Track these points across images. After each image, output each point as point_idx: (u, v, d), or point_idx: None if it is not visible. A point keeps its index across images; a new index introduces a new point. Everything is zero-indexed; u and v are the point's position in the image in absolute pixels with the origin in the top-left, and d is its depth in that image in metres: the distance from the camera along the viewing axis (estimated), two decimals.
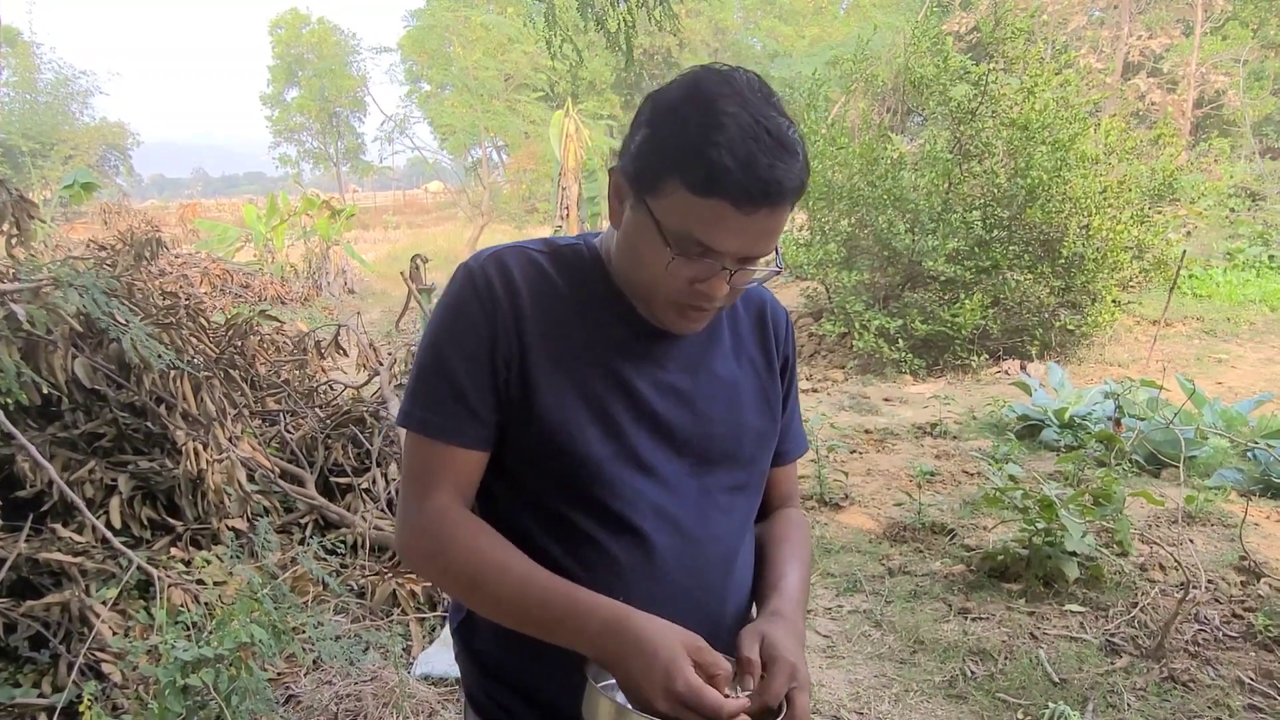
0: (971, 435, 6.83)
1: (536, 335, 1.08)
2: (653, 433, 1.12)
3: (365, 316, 10.36)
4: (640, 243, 1.04)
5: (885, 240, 9.91)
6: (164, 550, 3.22)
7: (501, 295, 1.08)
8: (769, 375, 1.25)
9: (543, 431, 1.08)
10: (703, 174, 0.95)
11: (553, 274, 1.12)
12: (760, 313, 1.27)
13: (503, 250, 1.14)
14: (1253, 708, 3.03)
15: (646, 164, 1.01)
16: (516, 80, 28.11)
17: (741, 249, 1.01)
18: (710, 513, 1.15)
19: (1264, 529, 4.68)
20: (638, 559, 1.10)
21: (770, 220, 0.99)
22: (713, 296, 1.04)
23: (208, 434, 3.46)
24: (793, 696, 1.01)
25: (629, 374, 1.11)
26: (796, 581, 1.19)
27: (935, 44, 10.72)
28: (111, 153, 36.97)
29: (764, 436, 1.23)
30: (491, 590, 1.05)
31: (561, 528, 1.10)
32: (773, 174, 0.95)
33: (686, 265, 1.02)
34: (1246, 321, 11.45)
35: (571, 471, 1.09)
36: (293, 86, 45.35)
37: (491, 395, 1.08)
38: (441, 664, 3.15)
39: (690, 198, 0.97)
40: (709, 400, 1.16)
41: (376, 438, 4.36)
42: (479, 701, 1.21)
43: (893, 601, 3.92)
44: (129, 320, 3.42)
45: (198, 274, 11.98)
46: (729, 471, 1.18)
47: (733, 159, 0.94)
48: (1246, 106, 23.80)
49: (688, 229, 0.99)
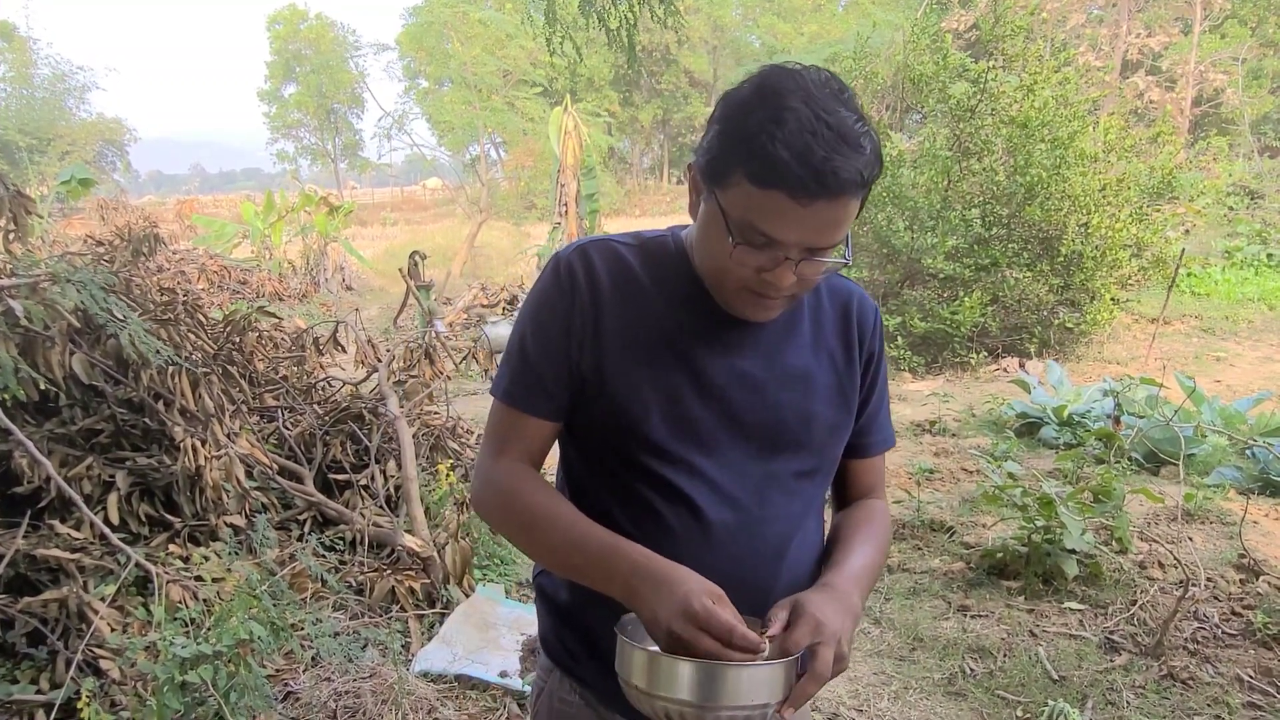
0: (970, 433, 6.83)
1: (614, 320, 1.17)
2: (720, 415, 1.18)
3: (364, 313, 10.36)
4: (711, 233, 1.10)
5: (884, 238, 9.91)
6: (162, 547, 3.21)
7: (583, 283, 1.18)
8: (847, 368, 1.28)
9: (613, 407, 1.17)
10: (760, 166, 1.01)
11: (635, 264, 1.21)
12: (845, 306, 1.30)
13: (589, 242, 1.23)
14: (1252, 705, 3.03)
15: (715, 158, 1.07)
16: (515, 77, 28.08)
17: (803, 239, 1.05)
18: (772, 494, 1.21)
19: (1263, 527, 4.68)
20: (690, 528, 1.17)
21: (830, 212, 1.02)
22: (779, 285, 1.09)
23: (206, 430, 3.45)
24: (815, 649, 1.04)
25: (702, 358, 1.18)
26: (861, 562, 1.22)
27: (934, 41, 10.71)
28: (108, 149, 36.92)
29: (836, 427, 1.27)
30: (541, 536, 1.18)
31: (625, 493, 1.20)
32: (828, 166, 0.99)
33: (752, 255, 1.07)
34: (1245, 320, 11.46)
35: (636, 444, 1.17)
36: (290, 83, 45.28)
37: (565, 374, 1.19)
38: (440, 661, 3.14)
39: (751, 189, 1.02)
40: (780, 388, 1.21)
41: (375, 434, 4.35)
42: (550, 644, 1.33)
43: (892, 599, 3.92)
44: (127, 316, 3.40)
45: (195, 270, 11.96)
46: (797, 458, 1.23)
47: (789, 151, 0.99)
48: (1245, 105, 23.83)
49: (750, 219, 1.04)
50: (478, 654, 3.19)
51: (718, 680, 0.99)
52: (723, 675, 0.99)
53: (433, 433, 4.66)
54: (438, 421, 4.81)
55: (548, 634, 1.33)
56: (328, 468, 4.25)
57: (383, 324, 11.06)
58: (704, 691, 0.99)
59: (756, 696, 1.00)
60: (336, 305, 12.98)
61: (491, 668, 3.13)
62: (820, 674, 1.03)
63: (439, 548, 3.68)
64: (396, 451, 4.22)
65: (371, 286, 16.01)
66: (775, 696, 1.01)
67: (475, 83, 25.62)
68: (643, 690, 1.02)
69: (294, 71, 44.75)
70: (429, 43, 33.69)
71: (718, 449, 1.18)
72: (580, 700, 1.28)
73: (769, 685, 1.01)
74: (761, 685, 1.00)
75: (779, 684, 1.02)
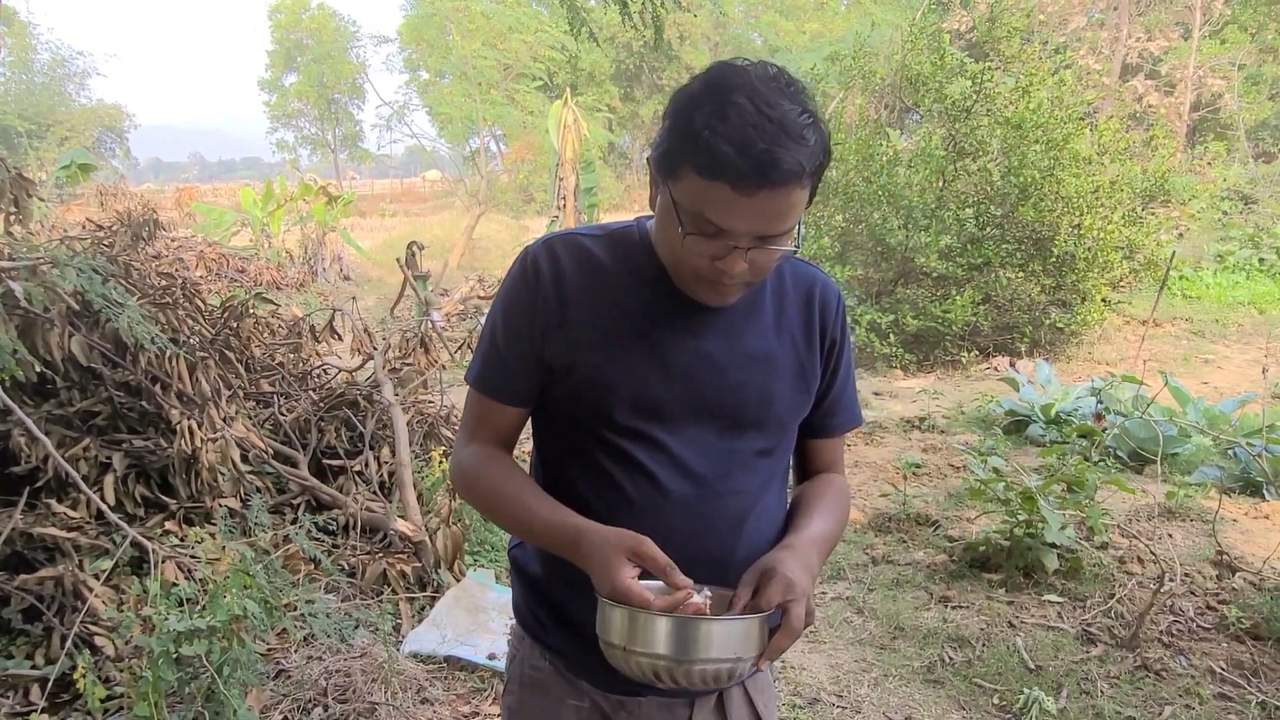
0: (959, 430, 6.90)
1: (579, 309, 1.23)
2: (684, 395, 1.24)
3: (361, 303, 10.39)
4: (666, 223, 1.16)
5: (879, 236, 9.97)
6: (158, 526, 3.26)
7: (547, 278, 1.23)
8: (808, 352, 1.33)
9: (580, 390, 1.24)
10: (705, 159, 1.05)
11: (600, 255, 1.26)
12: (809, 292, 1.35)
13: (555, 237, 1.29)
14: (1222, 696, 3.10)
15: (665, 153, 1.12)
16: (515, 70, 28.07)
17: (750, 228, 1.09)
18: (733, 470, 1.27)
19: (1242, 525, 4.76)
20: (650, 499, 1.23)
21: (774, 202, 1.07)
22: (731, 273, 1.13)
23: (202, 414, 3.51)
24: (786, 605, 1.10)
25: (666, 341, 1.23)
26: (820, 528, 1.28)
27: (933, 41, 10.76)
28: (108, 135, 36.85)
29: (795, 407, 1.33)
30: (504, 512, 1.28)
31: (589, 467, 1.26)
32: (769, 157, 1.03)
33: (704, 244, 1.12)
34: (1235, 323, 11.53)
35: (602, 422, 1.23)
36: (291, 72, 45.19)
37: (531, 364, 1.26)
38: (429, 642, 3.20)
39: (699, 181, 1.07)
40: (742, 369, 1.26)
41: (370, 421, 4.40)
42: (522, 613, 1.40)
43: (875, 589, 3.99)
44: (125, 300, 3.45)
45: (193, 257, 11.98)
46: (758, 436, 1.29)
47: (730, 145, 1.03)
48: (1242, 110, 23.88)
49: (699, 210, 1.09)
50: (467, 636, 3.25)
51: (693, 634, 1.05)
52: (698, 628, 1.05)
53: (426, 420, 4.71)
54: (432, 410, 4.86)
55: (520, 603, 1.40)
56: (322, 453, 4.30)
57: (379, 314, 11.08)
58: (680, 645, 1.04)
59: (731, 651, 1.06)
60: (334, 294, 13.01)
61: (480, 650, 3.19)
62: (794, 628, 1.09)
63: (431, 533, 3.74)
64: (391, 438, 4.28)
65: (369, 277, 16.03)
66: (750, 651, 1.07)
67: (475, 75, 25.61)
68: (622, 647, 1.07)
69: (295, 61, 44.65)
70: (430, 34, 33.65)
71: (681, 427, 1.24)
72: (550, 667, 1.35)
73: (743, 639, 1.07)
74: (735, 639, 1.06)
75: (753, 638, 1.08)
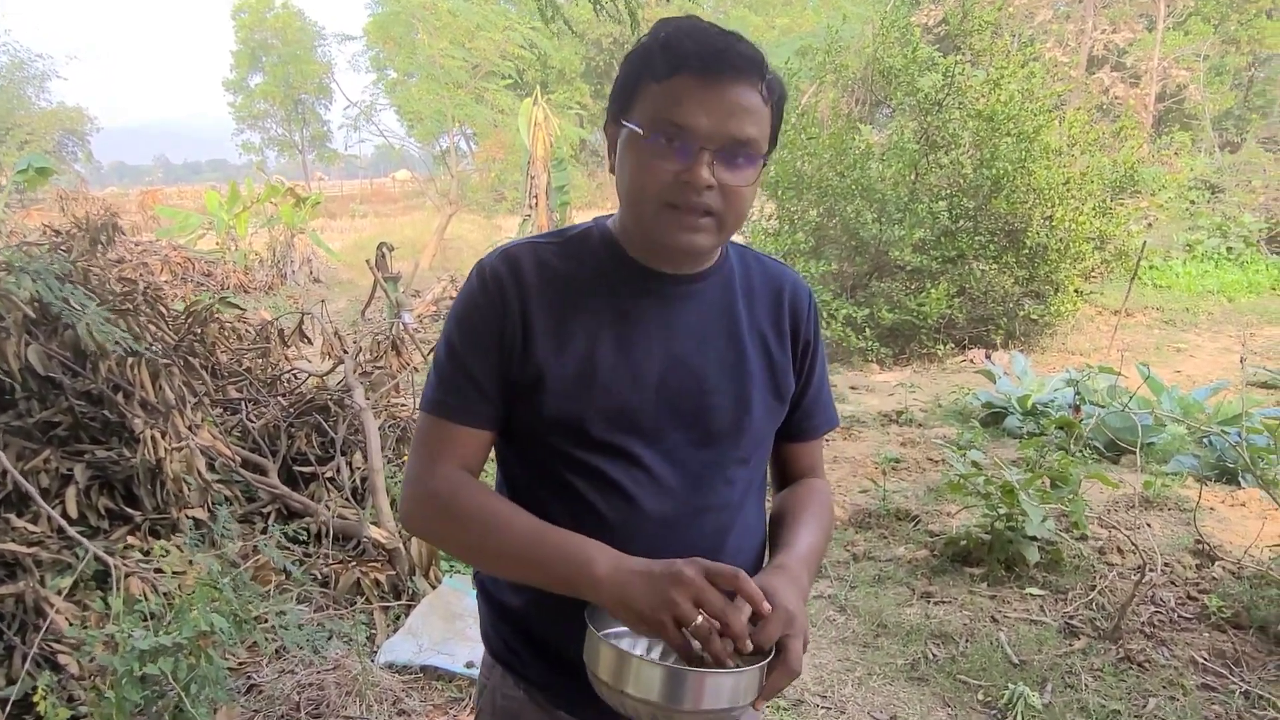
0: (937, 423, 6.90)
1: (543, 321, 1.17)
2: (658, 404, 1.18)
3: (332, 305, 10.25)
4: (627, 158, 1.13)
5: (853, 230, 9.97)
6: (121, 540, 3.16)
7: (510, 289, 1.17)
8: (780, 352, 1.28)
9: (550, 406, 1.16)
10: (662, 59, 1.08)
11: (559, 260, 1.20)
12: (778, 291, 1.30)
13: (511, 246, 1.23)
14: (1206, 686, 3.10)
15: (620, 90, 1.14)
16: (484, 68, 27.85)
17: (713, 126, 1.07)
18: (711, 483, 1.21)
19: (1219, 513, 4.78)
20: (628, 521, 1.17)
21: (735, 95, 1.07)
22: (696, 185, 1.08)
23: (166, 422, 3.40)
24: (785, 642, 1.05)
25: (638, 348, 1.18)
26: (808, 541, 1.23)
27: (904, 35, 10.78)
28: (69, 138, 36.16)
29: (770, 411, 1.27)
30: (498, 536, 1.13)
31: (565, 493, 1.19)
32: (726, 42, 1.07)
33: (668, 156, 1.09)
34: (1205, 311, 11.67)
35: (575, 439, 1.17)
36: (256, 72, 44.61)
37: (498, 380, 1.18)
38: (405, 652, 3.13)
39: (657, 86, 1.09)
40: (716, 374, 1.21)
41: (341, 426, 4.31)
42: (492, 641, 1.32)
43: (857, 587, 3.96)
44: (84, 306, 3.35)
45: (158, 262, 11.77)
46: (734, 445, 1.23)
47: (687, 38, 1.08)
48: (1207, 101, 24.22)
49: (659, 113, 1.08)
50: (443, 645, 3.18)
51: (687, 685, 0.99)
52: (691, 681, 0.99)
53: (399, 424, 4.63)
54: (405, 413, 4.78)
55: (490, 632, 1.32)
56: (292, 460, 4.20)
57: (351, 316, 10.94)
58: (674, 696, 0.99)
59: (727, 700, 1.00)
60: (304, 297, 12.82)
61: (457, 658, 3.12)
62: (793, 668, 1.04)
63: (405, 539, 3.66)
64: (362, 443, 4.18)
65: (340, 279, 15.83)
66: (745, 700, 1.01)
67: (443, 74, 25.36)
68: (610, 686, 1.02)
69: (260, 61, 44.08)
70: (396, 33, 33.30)
71: (657, 438, 1.18)
72: (525, 696, 1.28)
73: (737, 691, 1.01)
74: (730, 691, 1.00)
75: (749, 688, 1.02)
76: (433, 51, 25.26)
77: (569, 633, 1.10)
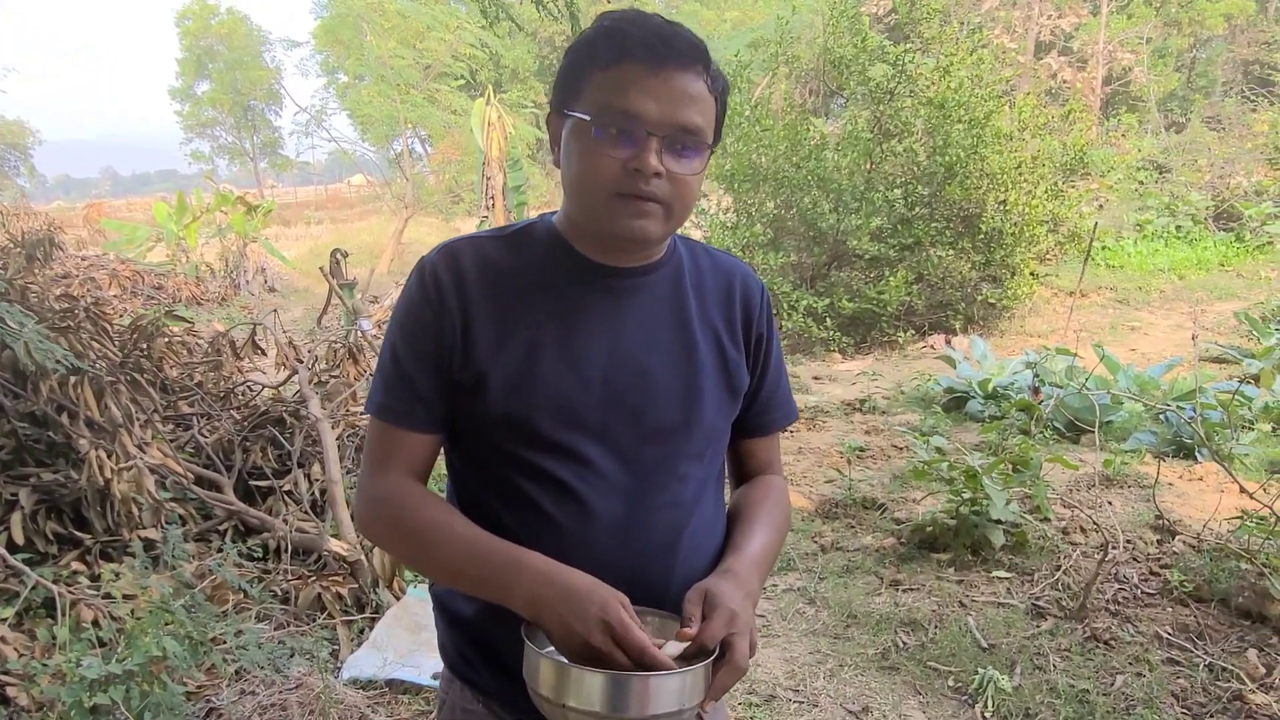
0: (900, 410, 6.94)
1: (485, 316, 1.14)
2: (606, 401, 1.15)
3: (288, 314, 10.08)
4: (574, 148, 1.10)
5: (810, 220, 10.01)
6: (68, 565, 3.06)
7: (449, 288, 1.14)
8: (733, 346, 1.26)
9: (495, 406, 1.13)
10: (606, 48, 1.07)
11: (502, 256, 1.18)
12: (729, 284, 1.28)
13: (452, 243, 1.20)
14: (1170, 661, 3.13)
15: (564, 80, 1.12)
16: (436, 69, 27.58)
17: (660, 113, 1.06)
18: (665, 480, 1.18)
19: (1177, 488, 4.85)
20: (577, 523, 1.14)
21: (680, 81, 1.07)
22: (645, 172, 1.07)
23: (113, 441, 3.30)
24: (730, 640, 1.04)
25: (582, 343, 1.15)
26: (760, 543, 1.22)
27: (853, 24, 10.83)
28: (10, 153, 35.32)
29: (722, 405, 1.25)
30: (437, 550, 1.13)
31: (513, 496, 1.16)
32: (670, 30, 1.07)
33: (616, 145, 1.07)
34: (1157, 290, 11.89)
35: (522, 439, 1.14)
36: (203, 80, 43.86)
37: (439, 383, 1.15)
38: (370, 666, 3.06)
39: (602, 74, 1.07)
40: (666, 368, 1.19)
41: (297, 438, 4.22)
42: (448, 652, 1.29)
43: (826, 578, 3.95)
44: (22, 325, 3.23)
45: (106, 276, 11.50)
46: (686, 439, 1.20)
47: (633, 26, 1.07)
48: (1152, 83, 24.70)
49: (606, 101, 1.07)
50: (409, 657, 3.12)
51: (629, 691, 0.97)
52: (634, 686, 0.97)
53: (358, 434, 4.55)
54: (363, 422, 4.69)
55: (446, 644, 1.30)
56: (248, 474, 4.11)
57: (308, 325, 10.76)
58: (615, 702, 0.97)
59: (673, 703, 0.98)
60: (258, 307, 12.60)
61: (424, 670, 3.06)
62: (738, 665, 1.04)
63: (367, 551, 3.58)
64: (320, 454, 4.10)
65: (296, 288, 15.59)
66: (691, 701, 1.00)
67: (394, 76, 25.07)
68: (552, 701, 0.99)
69: (207, 68, 43.33)
70: (344, 36, 32.86)
71: (606, 435, 1.15)
72: (483, 709, 1.25)
73: (687, 690, 0.99)
74: (674, 693, 0.99)
75: (698, 687, 1.01)
76: (382, 53, 24.97)
77: (519, 642, 1.09)
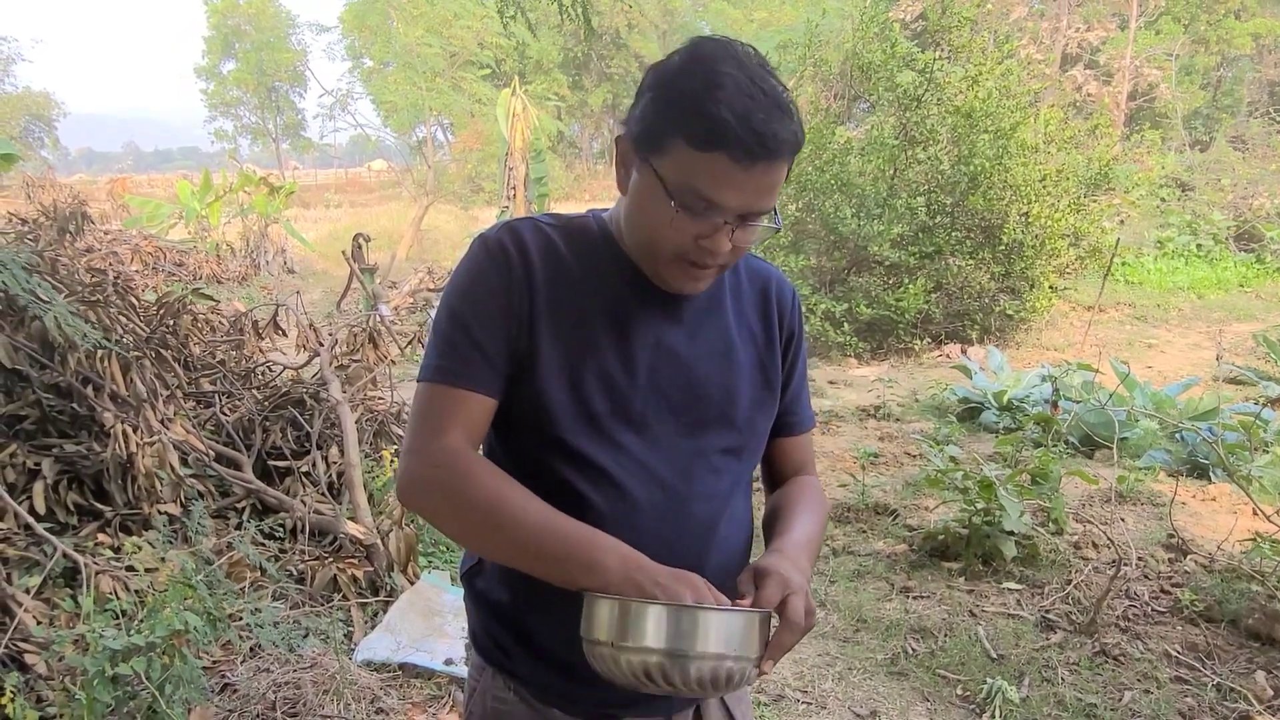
0: (914, 417, 6.94)
1: (545, 299, 1.15)
2: (648, 392, 1.17)
3: (306, 296, 10.11)
4: (647, 202, 1.10)
5: (832, 225, 9.99)
6: (91, 537, 3.10)
7: (516, 259, 1.15)
8: (767, 348, 1.29)
9: (541, 389, 1.14)
10: (703, 129, 1.02)
11: (560, 244, 1.19)
12: (764, 288, 1.32)
13: (515, 221, 1.20)
14: (1179, 679, 3.13)
15: (650, 126, 1.07)
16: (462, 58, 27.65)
17: (742, 204, 1.06)
18: (700, 472, 1.20)
19: (1190, 507, 4.84)
20: (617, 510, 1.15)
21: (768, 175, 1.05)
22: (716, 252, 1.09)
23: (138, 416, 3.34)
24: (787, 599, 1.05)
25: (627, 335, 1.17)
26: (805, 531, 1.23)
27: (883, 30, 10.79)
28: (35, 124, 35.57)
29: (760, 403, 1.27)
30: (508, 524, 1.09)
31: (548, 478, 1.15)
32: (769, 128, 1.02)
33: (690, 222, 1.07)
34: (1175, 308, 11.83)
35: (564, 425, 1.14)
36: (229, 59, 44.02)
37: (505, 346, 1.14)
38: (383, 649, 3.09)
39: (692, 153, 1.03)
40: (705, 364, 1.21)
41: (316, 420, 4.25)
42: (480, 641, 1.28)
43: (836, 581, 3.97)
44: (52, 298, 3.27)
45: (128, 251, 11.59)
46: (722, 434, 1.22)
47: (731, 114, 1.00)
48: (1177, 99, 24.53)
49: (690, 183, 1.04)
50: (422, 642, 3.15)
51: (689, 624, 0.95)
52: (694, 617, 0.96)
53: (376, 418, 4.57)
54: (382, 406, 4.73)
55: (479, 631, 1.29)
56: (267, 454, 4.14)
57: (326, 307, 10.82)
58: (675, 637, 0.95)
59: (731, 646, 0.97)
60: (278, 288, 12.68)
61: (436, 655, 3.09)
62: (795, 623, 1.03)
63: (383, 535, 3.62)
64: (339, 437, 4.13)
65: (315, 270, 15.67)
66: (752, 651, 0.99)
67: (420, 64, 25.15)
68: (610, 644, 0.97)
69: (233, 48, 43.49)
70: (372, 21, 33.01)
71: (645, 425, 1.18)
72: (516, 698, 1.25)
73: (743, 635, 0.98)
74: (735, 634, 0.97)
75: (754, 637, 0.99)
76: (409, 40, 25.05)
77: (558, 627, 1.09)
